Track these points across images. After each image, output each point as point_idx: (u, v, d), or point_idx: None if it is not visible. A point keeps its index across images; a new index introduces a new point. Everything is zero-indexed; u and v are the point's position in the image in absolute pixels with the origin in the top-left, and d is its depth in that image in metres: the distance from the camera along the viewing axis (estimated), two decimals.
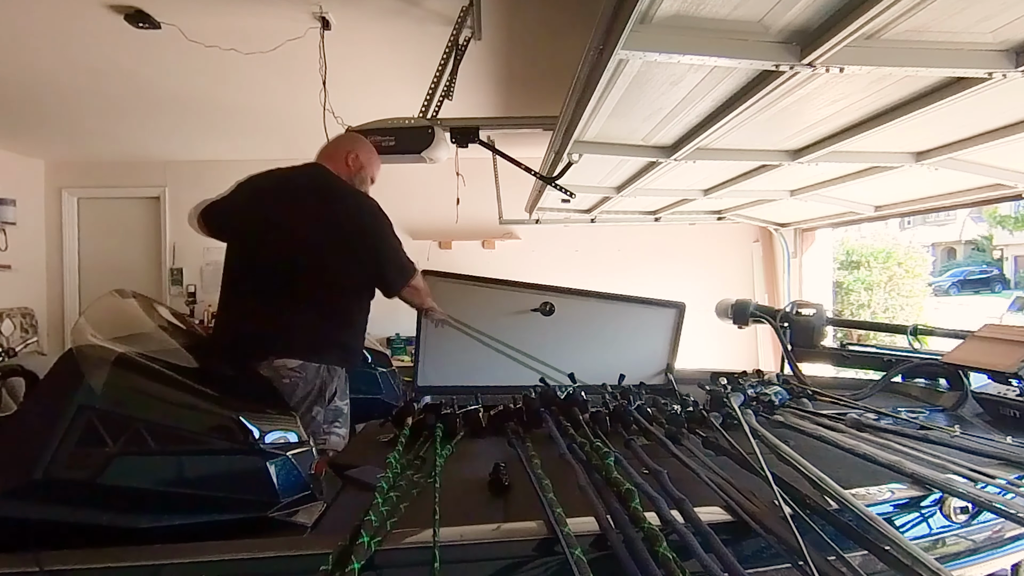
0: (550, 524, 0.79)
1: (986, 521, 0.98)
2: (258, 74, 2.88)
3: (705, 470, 1.00)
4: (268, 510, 0.85)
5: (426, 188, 4.70)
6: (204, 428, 0.86)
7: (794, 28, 1.08)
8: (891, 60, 1.14)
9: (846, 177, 2.31)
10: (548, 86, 2.93)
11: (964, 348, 1.66)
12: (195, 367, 0.97)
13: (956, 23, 1.06)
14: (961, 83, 1.29)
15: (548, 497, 0.86)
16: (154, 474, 0.83)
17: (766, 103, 1.38)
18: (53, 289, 4.93)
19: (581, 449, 1.11)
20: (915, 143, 1.89)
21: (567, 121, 1.56)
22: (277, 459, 0.86)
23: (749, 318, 2.32)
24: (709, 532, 0.77)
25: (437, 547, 0.73)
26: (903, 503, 0.98)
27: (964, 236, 17.62)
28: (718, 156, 1.96)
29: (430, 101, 1.97)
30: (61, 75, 2.91)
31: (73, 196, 4.97)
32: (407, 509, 0.85)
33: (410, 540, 0.78)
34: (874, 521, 0.81)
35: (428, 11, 2.26)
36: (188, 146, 4.48)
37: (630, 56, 1.09)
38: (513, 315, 2.01)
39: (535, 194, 2.90)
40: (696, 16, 1.04)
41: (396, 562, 0.75)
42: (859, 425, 1.27)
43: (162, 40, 2.42)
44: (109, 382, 0.83)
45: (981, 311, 11.08)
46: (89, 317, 0.99)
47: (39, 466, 0.77)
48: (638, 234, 4.89)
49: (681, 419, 1.33)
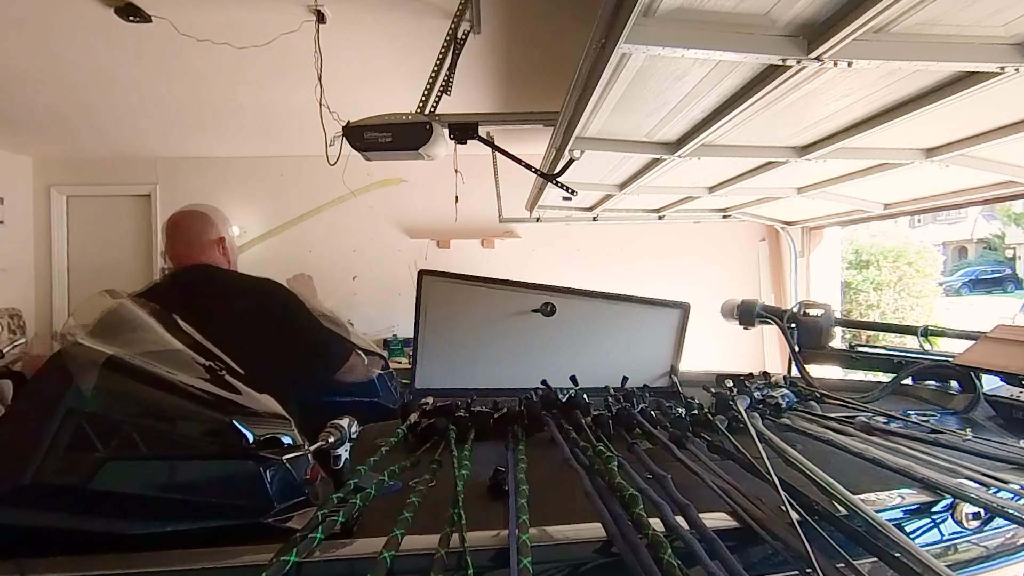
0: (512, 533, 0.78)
1: (999, 527, 0.97)
2: (252, 69, 2.87)
3: (710, 475, 0.99)
4: (262, 516, 0.83)
5: (424, 186, 4.71)
6: (197, 432, 0.85)
7: (801, 21, 1.06)
8: (901, 54, 1.12)
9: (855, 174, 2.28)
10: (549, 81, 2.91)
11: (976, 349, 1.63)
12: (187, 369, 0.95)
13: (967, 16, 1.04)
14: (972, 78, 1.27)
15: (520, 503, 0.85)
16: (145, 479, 0.81)
17: (773, 98, 1.36)
18: (41, 289, 4.88)
19: (584, 453, 1.10)
20: (925, 139, 1.87)
21: (568, 117, 1.54)
22: (271, 464, 0.85)
23: (755, 319, 2.29)
24: (714, 538, 0.75)
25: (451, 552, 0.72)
26: (914, 508, 0.96)
27: (976, 235, 17.52)
28: (723, 153, 1.94)
29: (428, 96, 1.95)
30: (49, 69, 2.89)
31: (62, 194, 4.92)
32: (412, 514, 0.84)
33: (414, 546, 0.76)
34: (884, 527, 0.80)
35: (426, 4, 2.24)
36: (180, 143, 4.46)
37: (633, 50, 1.07)
38: (513, 316, 1.99)
39: (536, 192, 2.89)
40: (701, 9, 1.02)
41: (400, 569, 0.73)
42: (868, 428, 1.25)
43: (153, 34, 2.40)
44: (99, 385, 0.81)
45: (993, 311, 11.04)
46: (78, 318, 0.98)
47: (27, 471, 0.76)
48: (641, 233, 4.86)
49: (686, 422, 1.32)
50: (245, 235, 4.78)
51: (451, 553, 0.74)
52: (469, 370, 1.95)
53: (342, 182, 3.91)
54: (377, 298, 4.78)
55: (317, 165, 2.75)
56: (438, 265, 2.16)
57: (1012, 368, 1.47)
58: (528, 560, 0.70)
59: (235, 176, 4.87)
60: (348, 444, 0.92)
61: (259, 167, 4.85)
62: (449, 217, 4.17)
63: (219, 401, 0.89)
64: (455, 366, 1.96)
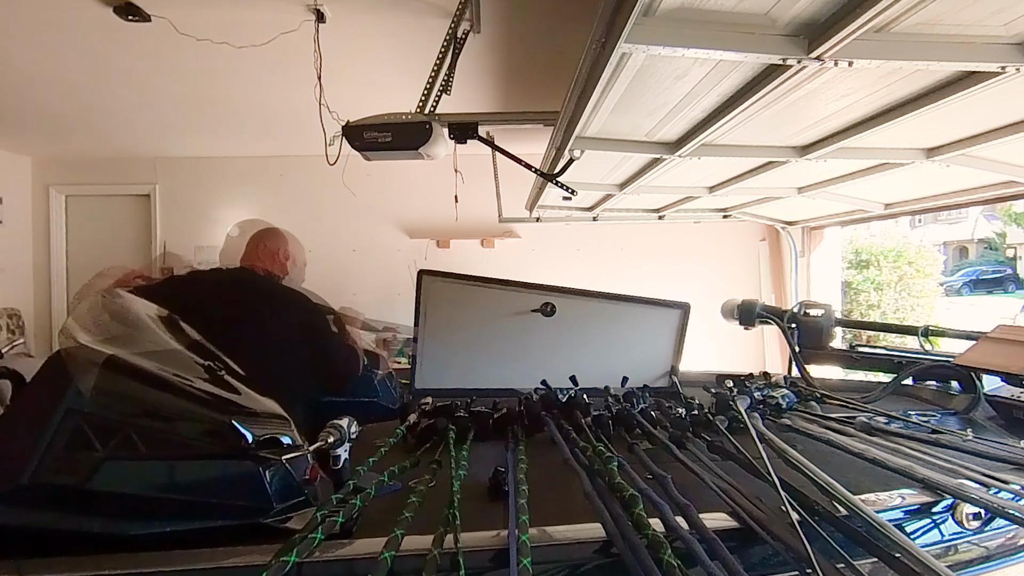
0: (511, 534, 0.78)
1: (999, 528, 0.97)
2: (251, 68, 2.87)
3: (710, 475, 0.99)
4: (261, 516, 0.83)
5: (424, 185, 4.70)
6: (196, 432, 0.84)
7: (802, 21, 1.06)
8: (901, 54, 1.12)
9: (855, 174, 2.28)
10: (549, 81, 2.90)
11: (976, 350, 1.63)
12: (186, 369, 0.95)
13: (968, 16, 1.04)
14: (973, 77, 1.27)
15: (519, 503, 0.85)
16: (144, 479, 0.81)
17: (773, 98, 1.36)
18: (40, 289, 4.88)
19: (583, 454, 1.10)
20: (926, 139, 1.86)
21: (568, 116, 1.54)
22: (271, 464, 0.84)
23: (756, 319, 2.29)
24: (714, 539, 0.75)
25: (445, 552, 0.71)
26: (914, 509, 0.96)
27: (976, 234, 17.50)
28: (724, 152, 1.94)
29: (428, 96, 1.95)
30: (48, 69, 2.89)
31: (61, 193, 4.91)
32: (412, 514, 0.84)
33: (411, 547, 0.76)
34: (884, 527, 0.80)
35: (426, 3, 2.24)
36: (179, 142, 4.45)
37: (633, 50, 1.07)
38: (513, 316, 1.98)
39: (536, 192, 2.88)
40: (701, 8, 1.02)
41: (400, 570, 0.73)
42: (869, 429, 1.26)
43: (152, 33, 2.40)
44: (98, 385, 0.81)
45: (994, 311, 11.02)
46: (77, 318, 0.97)
47: (26, 471, 0.75)
48: (641, 233, 4.85)
49: (686, 423, 1.32)
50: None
51: (445, 553, 0.74)
52: (469, 370, 1.94)
53: (342, 182, 3.91)
54: (377, 298, 4.78)
55: (317, 165, 2.74)
56: (438, 265, 2.15)
57: (1013, 368, 1.47)
58: (528, 560, 0.70)
59: (234, 176, 4.86)
60: (347, 444, 0.92)
61: (258, 167, 4.85)
62: (449, 217, 4.17)
63: (218, 401, 0.89)
64: (455, 366, 1.96)
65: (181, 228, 4.86)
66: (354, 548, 0.78)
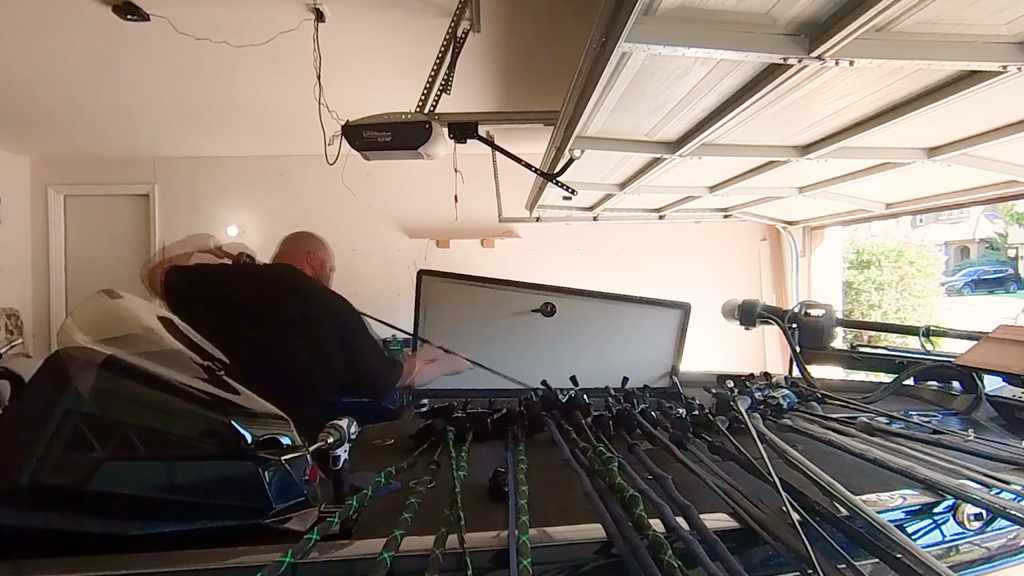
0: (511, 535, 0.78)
1: (1001, 528, 0.97)
2: (250, 68, 2.86)
3: (711, 476, 0.98)
4: (261, 517, 0.83)
5: (423, 185, 4.69)
6: (195, 433, 0.84)
7: (802, 20, 1.05)
8: (902, 53, 1.11)
9: (856, 174, 2.28)
10: (549, 80, 2.90)
11: (978, 350, 1.63)
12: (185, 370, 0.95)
13: (969, 15, 1.04)
14: (974, 77, 1.26)
15: (520, 504, 0.85)
16: (144, 480, 0.81)
17: (774, 97, 1.35)
18: (39, 289, 4.86)
19: (584, 454, 1.09)
20: (927, 139, 1.86)
21: (569, 116, 1.54)
22: (270, 465, 0.84)
23: (756, 319, 2.29)
24: (715, 539, 0.75)
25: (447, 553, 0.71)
26: (915, 509, 0.96)
27: (978, 234, 17.48)
28: (724, 152, 1.93)
29: (427, 95, 1.94)
30: (47, 68, 2.88)
31: (59, 193, 4.90)
32: (412, 515, 0.84)
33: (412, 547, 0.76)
34: (885, 528, 0.80)
35: (425, 2, 2.23)
36: (178, 142, 4.44)
37: (634, 49, 1.07)
38: (513, 316, 1.98)
39: (536, 191, 2.88)
40: (702, 7, 1.01)
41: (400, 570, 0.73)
42: (870, 429, 1.25)
43: (151, 32, 2.40)
44: (97, 385, 0.81)
45: (995, 311, 11.01)
46: (76, 318, 0.97)
47: (25, 472, 0.75)
48: (642, 232, 4.85)
49: (686, 423, 1.32)
50: (244, 234, 4.77)
51: (448, 554, 0.74)
52: (469, 371, 1.94)
53: (341, 181, 3.91)
54: (376, 298, 4.77)
55: (316, 164, 2.74)
56: (438, 265, 2.15)
57: (1014, 368, 1.47)
58: (528, 561, 0.70)
59: (233, 175, 4.86)
60: (347, 444, 0.92)
61: (258, 166, 4.85)
62: (449, 217, 4.16)
63: (217, 401, 0.89)
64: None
65: (180, 228, 4.86)
66: (354, 549, 0.78)
